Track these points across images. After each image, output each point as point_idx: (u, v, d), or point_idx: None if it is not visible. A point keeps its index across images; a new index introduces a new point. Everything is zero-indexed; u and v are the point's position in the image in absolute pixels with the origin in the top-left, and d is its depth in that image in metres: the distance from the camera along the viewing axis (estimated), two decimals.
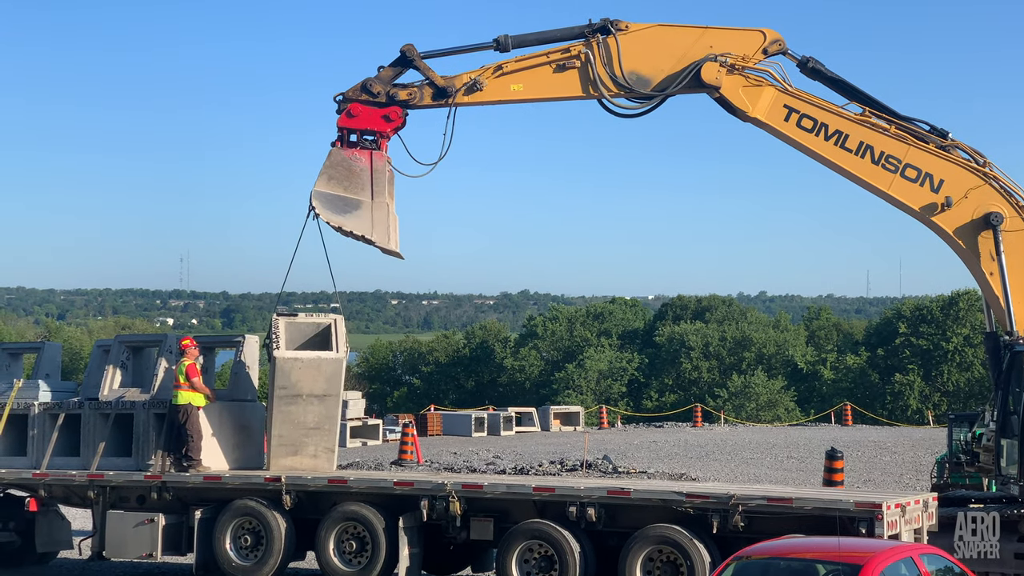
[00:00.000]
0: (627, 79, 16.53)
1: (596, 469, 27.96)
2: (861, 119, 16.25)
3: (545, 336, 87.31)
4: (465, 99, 16.99)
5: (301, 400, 17.37)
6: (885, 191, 16.12)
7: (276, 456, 17.58)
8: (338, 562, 16.57)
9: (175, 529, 17.67)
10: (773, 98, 16.33)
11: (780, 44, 16.57)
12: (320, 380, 17.39)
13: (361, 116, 17.20)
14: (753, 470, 31.50)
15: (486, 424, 43.58)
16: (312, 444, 17.65)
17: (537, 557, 15.39)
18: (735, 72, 16.28)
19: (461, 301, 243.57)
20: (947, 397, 73.54)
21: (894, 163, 16.02)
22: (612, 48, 16.55)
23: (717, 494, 14.80)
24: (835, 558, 10.31)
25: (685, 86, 16.45)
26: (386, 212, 17.37)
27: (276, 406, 17.35)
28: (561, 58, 16.76)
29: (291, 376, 17.27)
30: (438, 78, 17.01)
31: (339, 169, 17.24)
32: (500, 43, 16.86)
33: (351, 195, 17.23)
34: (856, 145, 16.11)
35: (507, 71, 16.91)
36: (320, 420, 17.58)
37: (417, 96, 17.13)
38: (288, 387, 17.28)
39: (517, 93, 17.00)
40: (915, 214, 16.11)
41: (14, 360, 20.80)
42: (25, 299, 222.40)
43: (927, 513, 15.00)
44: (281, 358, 17.22)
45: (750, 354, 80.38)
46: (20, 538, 19.66)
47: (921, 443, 38.90)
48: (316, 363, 17.39)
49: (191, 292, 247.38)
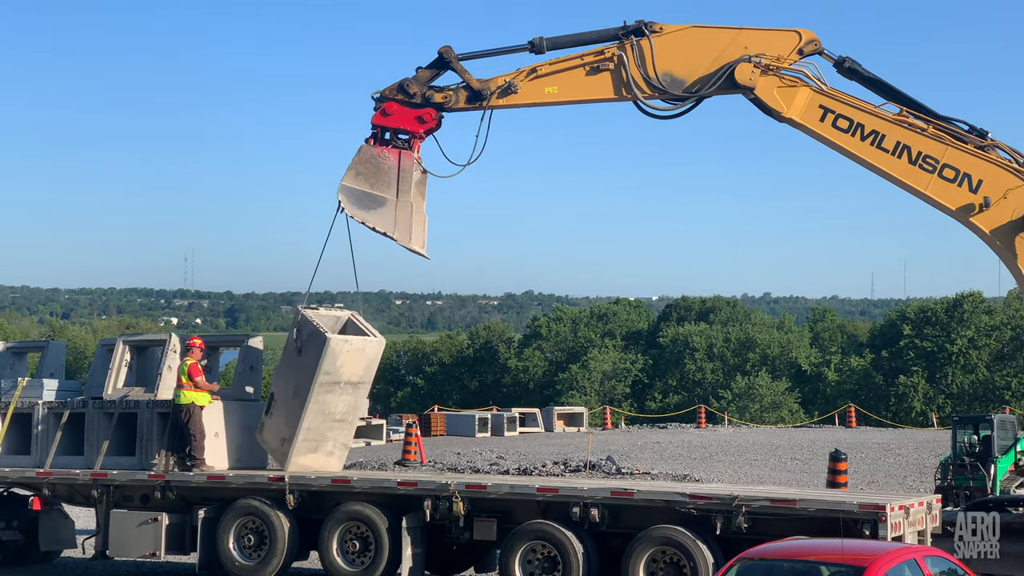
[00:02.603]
0: (661, 81, 16.42)
1: (599, 470, 27.97)
2: (898, 119, 16.05)
3: (549, 337, 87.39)
4: (500, 102, 16.94)
5: (339, 388, 17.45)
6: (923, 191, 15.93)
7: (298, 453, 17.51)
8: (341, 562, 16.56)
9: (178, 528, 17.67)
10: (808, 98, 16.17)
11: (816, 44, 16.39)
12: (361, 366, 17.60)
13: (396, 115, 17.20)
14: (757, 471, 31.49)
15: (490, 425, 43.60)
16: (332, 440, 17.70)
17: (540, 558, 15.37)
18: (770, 73, 16.13)
19: (465, 301, 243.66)
20: (951, 399, 73.54)
21: (932, 163, 15.82)
22: (646, 50, 16.44)
23: (721, 495, 14.77)
24: (839, 560, 10.30)
25: (719, 87, 16.31)
26: (410, 211, 17.42)
27: (314, 395, 17.28)
28: (595, 60, 16.67)
29: (338, 360, 17.30)
30: (474, 80, 16.99)
31: (367, 166, 17.33)
32: (535, 45, 16.82)
33: (377, 192, 17.31)
34: (893, 145, 15.92)
35: (541, 74, 16.86)
36: (347, 411, 17.72)
37: (453, 99, 17.10)
38: (332, 372, 17.29)
39: (551, 96, 16.94)
40: (952, 214, 15.92)
41: (18, 359, 20.83)
42: (30, 298, 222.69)
43: (931, 515, 14.97)
44: (335, 339, 17.26)
45: (754, 355, 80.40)
46: (24, 537, 19.69)
47: (925, 445, 38.91)
48: (362, 347, 17.58)
49: (195, 292, 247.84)
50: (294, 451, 17.52)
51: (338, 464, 17.91)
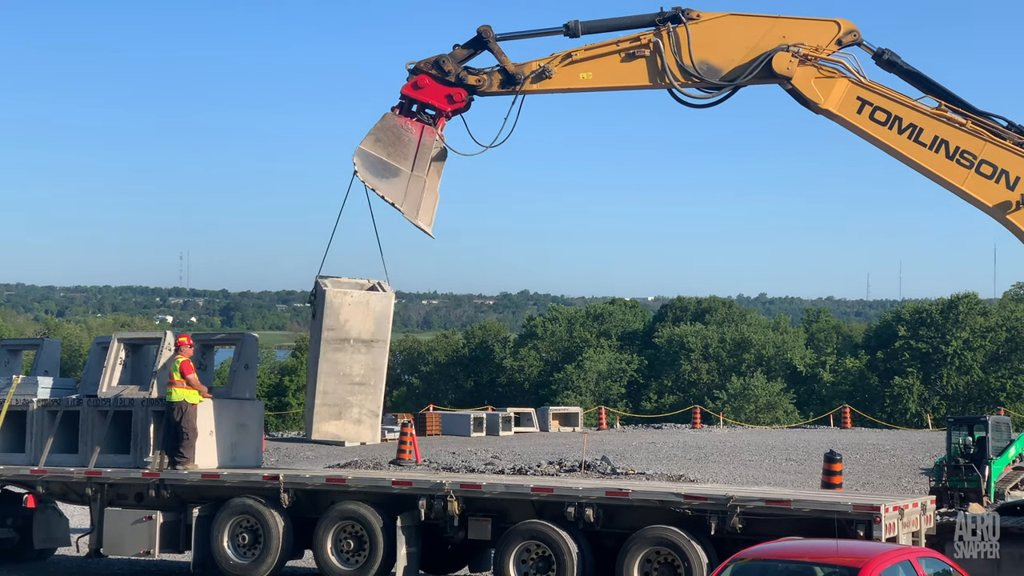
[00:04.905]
0: (697, 69, 16.24)
1: (595, 470, 27.99)
2: (937, 113, 15.85)
3: (544, 337, 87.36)
4: (533, 87, 16.75)
5: (348, 346, 17.20)
6: (959, 187, 15.72)
7: (320, 419, 17.25)
8: (336, 561, 16.55)
9: (173, 527, 17.66)
10: (846, 90, 15.97)
11: (855, 35, 16.19)
12: (369, 321, 17.33)
13: (427, 90, 16.98)
14: (752, 472, 31.50)
15: (485, 424, 43.58)
16: (356, 405, 17.36)
17: (535, 557, 15.37)
18: (807, 63, 15.94)
19: (461, 301, 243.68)
20: (946, 400, 73.63)
21: (969, 158, 15.61)
22: (682, 37, 16.25)
23: (715, 496, 14.78)
24: (833, 561, 10.32)
25: (756, 76, 16.11)
26: (422, 187, 17.17)
27: (323, 354, 17.13)
28: (631, 47, 16.46)
29: (340, 315, 17.16)
30: (509, 64, 16.79)
31: (388, 133, 17.11)
32: (570, 28, 16.63)
33: (392, 162, 17.05)
34: (930, 139, 15.71)
35: (576, 59, 16.64)
36: (366, 373, 17.37)
37: (486, 83, 16.90)
38: (336, 328, 17.13)
39: (586, 82, 16.73)
40: (989, 211, 15.72)
41: (13, 357, 20.82)
42: (25, 296, 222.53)
43: (925, 516, 14.99)
44: (331, 292, 17.17)
45: (749, 356, 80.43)
46: (18, 534, 19.66)
47: (920, 446, 38.95)
48: (365, 300, 17.38)
49: (190, 290, 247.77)
50: (315, 416, 17.30)
51: (370, 433, 17.51)
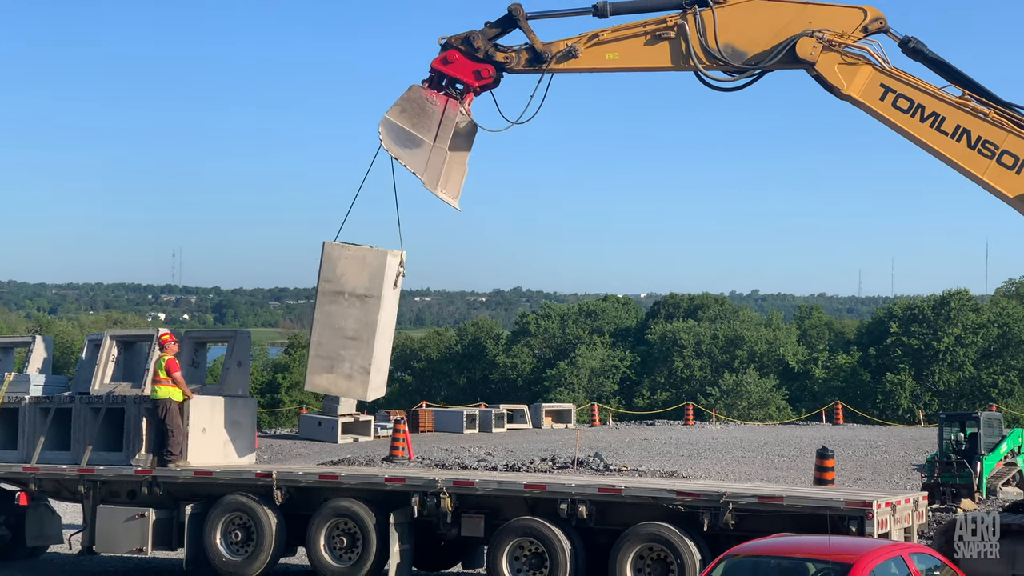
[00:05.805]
0: (722, 52, 16.21)
1: (587, 467, 27.99)
2: (960, 102, 15.78)
3: (537, 333, 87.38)
4: (560, 66, 16.82)
5: (343, 300, 17.34)
6: (980, 177, 15.64)
7: (313, 371, 17.44)
8: (329, 558, 16.57)
9: (165, 524, 17.66)
10: (869, 76, 15.93)
11: (881, 22, 16.15)
12: (364, 276, 17.47)
13: (456, 64, 17.10)
14: (744, 468, 31.53)
15: (478, 421, 43.53)
16: (348, 360, 17.41)
17: (528, 554, 15.40)
18: (832, 49, 15.92)
19: (454, 298, 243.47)
20: (938, 396, 73.75)
21: (991, 148, 15.55)
22: (708, 20, 16.23)
23: (708, 492, 14.81)
24: (825, 557, 10.32)
25: (780, 61, 16.12)
26: (443, 159, 17.26)
27: (320, 306, 17.35)
28: (657, 28, 16.49)
29: (336, 268, 17.33)
30: (538, 42, 16.88)
31: (413, 104, 17.23)
32: (599, 9, 16.65)
33: (416, 132, 17.17)
34: (952, 128, 15.66)
35: (603, 40, 16.70)
36: (359, 328, 17.44)
37: (514, 60, 17.00)
38: (332, 280, 17.30)
39: (612, 62, 16.79)
40: (1009, 201, 15.67)
41: (5, 354, 20.80)
42: (16, 293, 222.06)
43: (917, 512, 15.03)
44: (330, 245, 17.38)
45: (742, 352, 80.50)
46: (10, 532, 19.66)
47: (912, 442, 38.97)
48: (362, 256, 17.51)
49: (183, 287, 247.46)
50: (309, 368, 17.49)
51: (360, 389, 17.54)
